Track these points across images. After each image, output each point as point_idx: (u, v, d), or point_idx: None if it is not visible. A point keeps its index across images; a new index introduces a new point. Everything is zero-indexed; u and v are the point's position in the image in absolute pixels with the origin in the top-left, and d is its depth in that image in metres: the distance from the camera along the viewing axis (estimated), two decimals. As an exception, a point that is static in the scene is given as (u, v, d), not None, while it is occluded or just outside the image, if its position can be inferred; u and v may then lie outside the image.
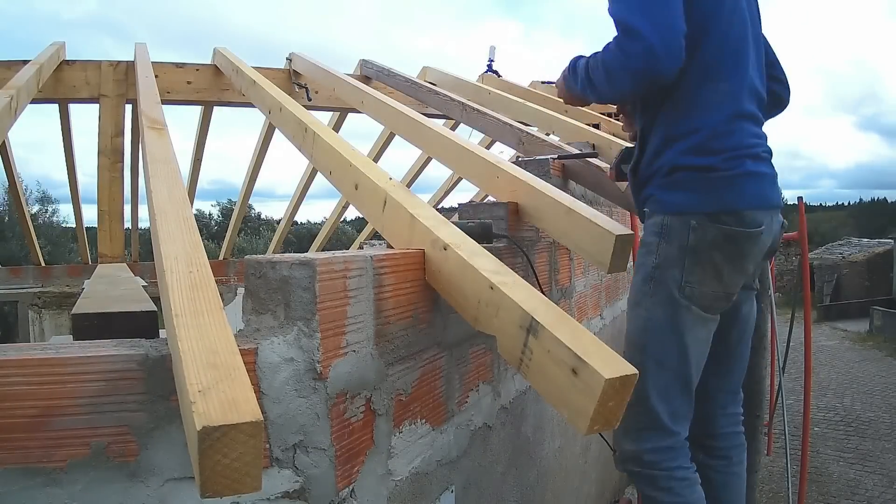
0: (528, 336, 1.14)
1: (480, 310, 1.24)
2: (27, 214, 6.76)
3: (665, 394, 1.56)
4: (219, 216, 29.84)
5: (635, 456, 1.60)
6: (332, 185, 1.89)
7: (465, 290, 1.27)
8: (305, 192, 6.35)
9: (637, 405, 1.56)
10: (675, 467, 1.58)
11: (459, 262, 1.28)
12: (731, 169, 1.48)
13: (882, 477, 4.37)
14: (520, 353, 1.16)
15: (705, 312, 1.55)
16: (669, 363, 1.55)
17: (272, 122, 2.70)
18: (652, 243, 1.56)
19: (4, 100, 2.50)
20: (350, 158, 1.74)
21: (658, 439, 1.57)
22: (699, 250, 1.49)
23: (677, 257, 1.51)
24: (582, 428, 1.05)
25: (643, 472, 1.59)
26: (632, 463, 1.62)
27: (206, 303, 0.97)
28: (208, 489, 0.72)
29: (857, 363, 9.12)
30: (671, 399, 1.57)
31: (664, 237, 1.53)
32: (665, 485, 1.57)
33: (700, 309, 1.53)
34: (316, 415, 1.05)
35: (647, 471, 1.59)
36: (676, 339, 1.54)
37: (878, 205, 52.97)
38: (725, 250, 1.50)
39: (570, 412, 1.07)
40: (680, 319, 1.53)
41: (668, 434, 1.57)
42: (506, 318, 1.18)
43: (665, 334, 1.55)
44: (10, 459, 0.90)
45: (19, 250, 17.32)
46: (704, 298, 1.53)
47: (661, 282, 1.54)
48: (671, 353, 1.55)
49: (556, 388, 1.09)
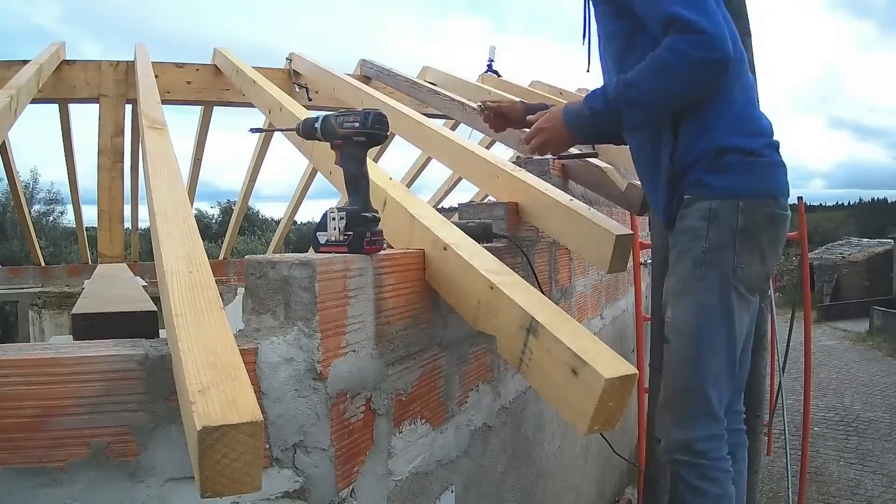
0: (528, 336, 1.13)
1: (480, 310, 1.24)
2: (27, 214, 6.75)
3: (717, 379, 1.57)
4: (219, 216, 29.85)
5: (685, 444, 1.58)
6: (333, 186, 1.90)
7: (465, 289, 1.27)
8: (305, 192, 6.35)
9: (689, 392, 1.58)
10: (721, 458, 1.58)
11: (459, 262, 1.28)
12: (769, 156, 1.57)
13: (882, 477, 4.37)
14: (520, 353, 1.16)
15: (750, 294, 1.59)
16: (721, 347, 1.56)
17: (272, 122, 2.71)
18: (700, 228, 1.56)
19: (4, 100, 2.50)
20: None
21: (708, 426, 1.57)
22: (749, 232, 1.53)
23: (728, 240, 1.53)
24: (582, 428, 1.05)
25: (691, 460, 1.57)
26: (680, 451, 1.59)
27: (206, 303, 0.97)
28: (208, 489, 0.72)
29: (857, 363, 9.12)
30: (721, 384, 1.58)
31: (713, 221, 1.54)
32: (711, 475, 1.56)
33: (747, 291, 1.57)
34: (316, 415, 1.05)
35: (695, 459, 1.57)
36: (728, 322, 1.56)
37: (878, 205, 53.03)
38: (770, 232, 1.56)
39: (570, 412, 1.07)
40: (732, 302, 1.55)
41: (717, 421, 1.58)
42: (506, 318, 1.18)
43: (719, 318, 1.56)
44: (10, 459, 0.90)
45: (19, 250, 17.32)
46: (752, 280, 1.57)
47: (714, 265, 1.55)
48: (722, 337, 1.56)
49: (555, 388, 1.09)
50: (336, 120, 1.23)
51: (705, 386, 1.56)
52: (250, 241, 25.00)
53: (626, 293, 3.89)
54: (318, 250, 1.24)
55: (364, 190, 1.25)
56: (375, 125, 1.20)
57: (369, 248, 1.20)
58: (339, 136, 1.23)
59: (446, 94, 3.71)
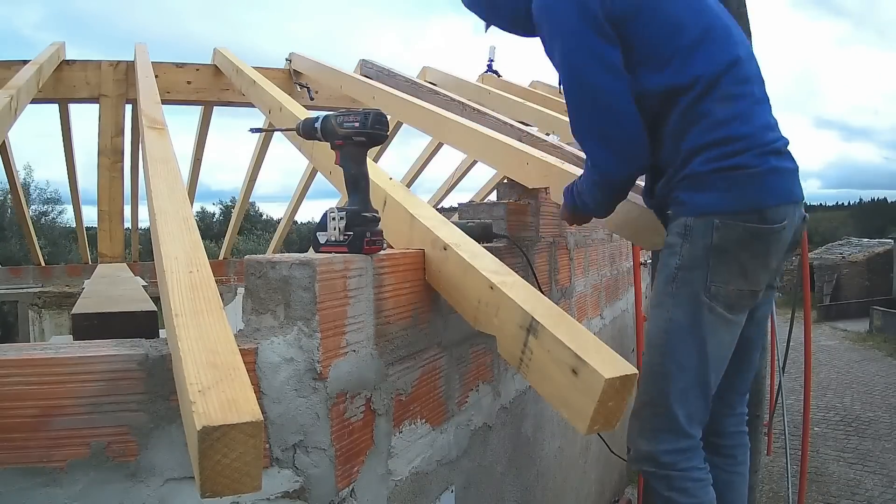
0: (528, 336, 1.13)
1: (480, 310, 1.24)
2: (27, 214, 6.75)
3: (684, 396, 1.55)
4: (219, 216, 29.91)
5: (651, 456, 1.59)
6: (333, 186, 1.89)
7: (465, 289, 1.27)
8: (305, 192, 6.35)
9: (655, 406, 1.57)
10: (691, 468, 1.57)
11: (459, 262, 1.28)
12: (758, 165, 1.48)
13: (882, 477, 4.37)
14: (520, 353, 1.16)
15: (730, 313, 1.53)
16: (690, 365, 1.54)
17: (272, 122, 2.71)
18: (675, 244, 1.53)
19: (4, 100, 2.50)
20: None
21: (674, 441, 1.56)
22: (724, 249, 1.48)
23: (702, 257, 1.49)
24: (582, 428, 1.05)
25: (659, 472, 1.58)
26: (647, 463, 1.61)
27: (206, 303, 0.97)
28: (208, 489, 0.72)
29: (857, 363, 9.13)
30: (689, 402, 1.55)
31: (687, 238, 1.51)
32: (680, 485, 1.56)
33: (725, 309, 1.52)
34: (316, 415, 1.05)
35: (662, 471, 1.58)
36: (698, 341, 1.52)
37: (878, 205, 53.04)
38: (751, 248, 1.50)
39: (571, 412, 1.07)
40: (703, 321, 1.52)
41: (684, 436, 1.56)
42: (506, 317, 1.18)
43: (686, 336, 1.53)
44: (10, 459, 0.90)
45: (19, 250, 17.32)
46: (730, 297, 1.52)
47: (685, 282, 1.52)
48: (692, 356, 1.53)
49: (556, 388, 1.09)
50: (336, 120, 1.23)
51: (670, 401, 1.54)
52: (250, 240, 25.02)
53: (626, 293, 3.89)
54: (318, 250, 1.24)
55: (364, 190, 1.25)
56: (375, 125, 1.20)
57: (369, 248, 1.20)
58: (339, 136, 1.23)
59: (446, 94, 3.71)
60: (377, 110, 1.22)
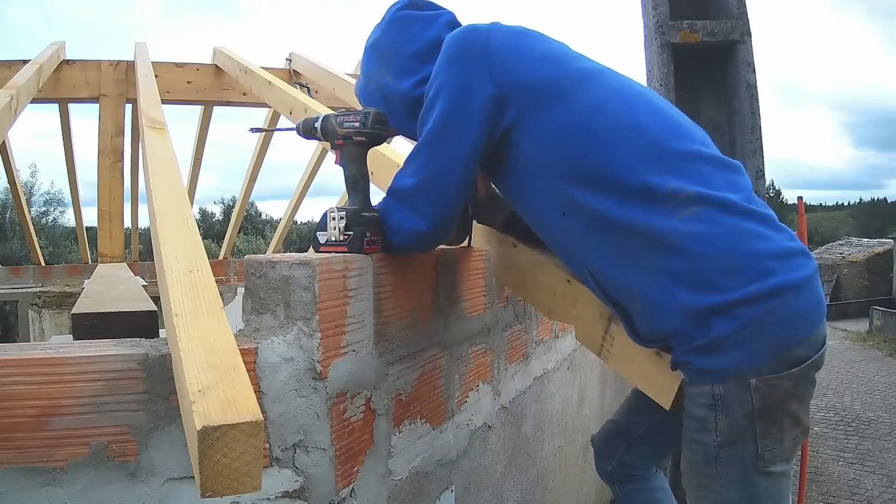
0: (609, 324, 1.27)
1: (557, 301, 1.36)
2: (27, 214, 6.76)
3: None
4: (220, 216, 29.95)
5: None
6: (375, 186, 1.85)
7: (540, 283, 1.39)
8: (306, 192, 6.35)
9: None
10: None
11: (531, 258, 1.39)
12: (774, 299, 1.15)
13: (882, 477, 4.37)
14: (600, 340, 1.28)
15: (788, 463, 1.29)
16: None
17: (292, 122, 2.70)
18: (707, 418, 1.22)
19: (4, 100, 2.50)
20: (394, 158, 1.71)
21: None
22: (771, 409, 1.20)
23: (745, 426, 1.21)
24: (665, 403, 1.21)
25: None
26: None
27: (206, 303, 0.97)
28: (208, 489, 0.72)
29: (857, 363, 9.13)
30: None
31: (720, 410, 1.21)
32: None
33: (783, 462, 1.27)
34: (316, 414, 1.05)
35: None
36: None
37: (878, 205, 53.06)
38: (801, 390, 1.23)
39: (655, 390, 1.21)
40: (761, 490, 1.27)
41: None
42: (585, 308, 1.31)
43: None
44: (10, 459, 0.90)
45: (20, 250, 17.33)
46: (788, 451, 1.26)
47: (731, 459, 1.24)
48: None
49: (639, 370, 1.23)
50: (336, 120, 1.23)
51: None
52: (251, 240, 25.03)
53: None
54: (318, 250, 1.24)
55: (364, 190, 1.25)
56: (376, 125, 1.20)
57: (369, 249, 1.20)
58: (339, 135, 1.23)
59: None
60: (377, 110, 1.22)
